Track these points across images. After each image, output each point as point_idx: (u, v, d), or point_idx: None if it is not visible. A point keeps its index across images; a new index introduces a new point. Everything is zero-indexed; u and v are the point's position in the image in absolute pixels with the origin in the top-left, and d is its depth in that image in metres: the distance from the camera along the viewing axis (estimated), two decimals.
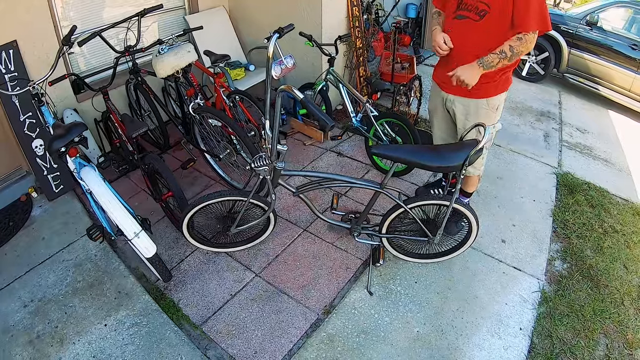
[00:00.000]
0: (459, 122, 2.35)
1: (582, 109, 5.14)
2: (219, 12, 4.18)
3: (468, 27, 2.07)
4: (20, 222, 2.99)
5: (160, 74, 2.75)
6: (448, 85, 2.24)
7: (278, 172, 2.08)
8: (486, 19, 2.00)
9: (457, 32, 2.12)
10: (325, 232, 2.80)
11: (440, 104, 2.40)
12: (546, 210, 3.10)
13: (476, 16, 2.03)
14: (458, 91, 2.23)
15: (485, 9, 1.99)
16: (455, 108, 2.31)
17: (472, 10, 2.04)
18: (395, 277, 2.48)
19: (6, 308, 2.35)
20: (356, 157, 3.61)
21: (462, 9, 2.08)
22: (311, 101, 1.62)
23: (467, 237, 2.42)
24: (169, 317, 2.25)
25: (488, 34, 2.03)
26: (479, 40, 2.05)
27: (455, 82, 2.07)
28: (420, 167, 2.06)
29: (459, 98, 2.28)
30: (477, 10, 2.02)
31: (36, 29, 2.97)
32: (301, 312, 2.29)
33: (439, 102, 2.41)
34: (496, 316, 2.28)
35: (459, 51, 2.13)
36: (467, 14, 2.06)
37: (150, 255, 2.09)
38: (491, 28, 2.01)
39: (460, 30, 2.10)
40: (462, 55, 2.11)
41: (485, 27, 2.02)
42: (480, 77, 2.06)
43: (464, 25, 2.08)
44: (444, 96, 2.34)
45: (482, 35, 2.04)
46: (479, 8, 2.01)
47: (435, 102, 2.45)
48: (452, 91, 2.27)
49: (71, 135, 2.19)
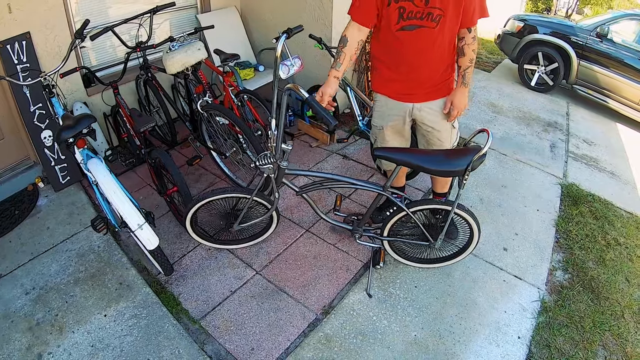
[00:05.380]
0: (426, 127, 2.28)
1: (590, 121, 5.12)
2: (231, 11, 4.21)
3: (424, 36, 1.97)
4: (26, 211, 3.02)
5: (169, 70, 2.78)
6: (411, 96, 2.18)
7: (282, 171, 2.09)
8: (441, 23, 1.93)
9: (409, 44, 2.01)
10: (327, 233, 2.81)
11: (401, 117, 2.27)
12: (549, 220, 3.09)
13: (432, 23, 1.92)
14: (425, 97, 2.18)
15: (440, 13, 1.90)
16: (423, 114, 2.23)
17: (425, 18, 1.92)
18: (395, 280, 2.48)
19: (8, 294, 2.37)
20: (361, 160, 3.62)
21: (410, 18, 1.93)
22: (316, 100, 1.64)
23: (468, 244, 2.41)
24: (168, 310, 2.26)
25: (443, 38, 1.98)
26: (436, 46, 2.00)
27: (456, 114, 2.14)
28: (423, 170, 2.06)
29: (427, 103, 2.20)
30: (432, 17, 1.91)
31: (49, 22, 3.01)
32: (300, 311, 2.29)
33: (398, 115, 2.27)
34: (495, 324, 2.27)
35: (413, 63, 2.07)
36: (419, 23, 1.93)
37: (152, 248, 2.11)
38: (445, 31, 1.96)
39: (414, 41, 1.99)
40: (417, 66, 2.07)
41: (441, 32, 1.95)
42: (441, 75, 2.12)
43: (419, 35, 1.97)
44: (408, 107, 2.22)
45: (438, 41, 1.98)
46: (434, 14, 1.90)
47: (391, 116, 2.30)
48: (418, 99, 2.18)
49: (80, 127, 2.22)
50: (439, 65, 2.10)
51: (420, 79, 2.12)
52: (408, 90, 2.17)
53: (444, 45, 2.03)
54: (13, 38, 2.80)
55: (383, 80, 2.24)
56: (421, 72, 2.10)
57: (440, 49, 2.03)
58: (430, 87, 2.16)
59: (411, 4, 1.91)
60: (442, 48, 2.03)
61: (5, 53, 2.79)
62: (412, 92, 2.17)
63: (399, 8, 1.93)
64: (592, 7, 12.78)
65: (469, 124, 4.47)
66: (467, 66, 2.08)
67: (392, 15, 1.96)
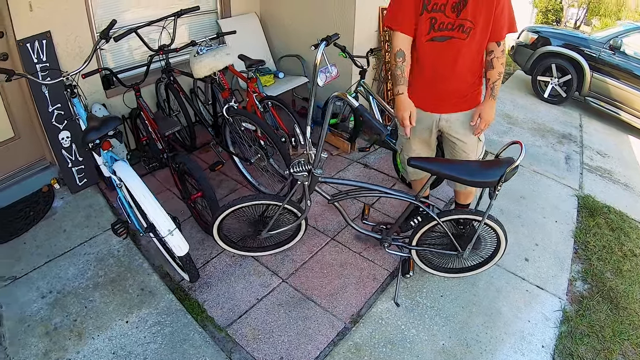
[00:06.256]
0: (452, 139, 2.27)
1: (603, 133, 5.16)
2: (251, 17, 4.20)
3: (454, 47, 1.97)
4: (41, 213, 2.98)
5: (197, 74, 2.75)
6: (439, 106, 2.16)
7: (316, 178, 2.07)
8: (472, 35, 1.93)
9: (439, 55, 2.01)
10: (352, 242, 2.78)
11: (427, 127, 2.25)
12: (567, 231, 3.10)
13: (462, 34, 1.93)
14: (452, 108, 2.17)
15: (470, 26, 1.91)
16: (450, 125, 2.21)
17: (455, 29, 1.93)
18: (421, 289, 2.47)
19: (23, 297, 2.32)
20: (382, 169, 3.61)
21: (441, 29, 1.94)
22: (366, 109, 1.61)
23: (494, 254, 2.41)
24: (193, 317, 2.22)
25: (472, 50, 1.99)
26: (465, 58, 2.00)
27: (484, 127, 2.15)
28: (457, 181, 2.05)
29: (454, 115, 2.18)
30: (463, 28, 1.92)
31: (70, 22, 2.99)
32: (328, 320, 2.26)
33: (425, 125, 2.25)
34: (519, 333, 2.27)
35: (442, 74, 2.06)
36: (450, 34, 1.94)
37: (183, 254, 2.07)
38: (475, 43, 1.97)
39: (444, 52, 2.00)
40: (446, 77, 2.06)
41: (471, 44, 1.96)
42: (469, 86, 2.11)
43: (449, 46, 1.97)
44: (435, 118, 2.20)
45: (467, 52, 1.99)
46: (465, 26, 1.91)
47: (418, 126, 2.23)
48: (445, 110, 2.17)
49: (107, 128, 2.19)
50: (467, 76, 2.09)
51: (448, 89, 2.11)
52: (435, 100, 2.16)
53: (473, 57, 2.03)
54: (33, 37, 2.78)
55: (411, 90, 2.23)
56: (450, 83, 2.09)
57: (470, 60, 2.03)
58: (458, 98, 2.15)
59: (443, 15, 1.92)
60: (471, 60, 2.03)
61: (25, 51, 2.76)
62: (439, 103, 2.16)
63: (431, 18, 1.94)
64: (601, 18, 12.87)
65: (486, 134, 4.46)
66: (495, 79, 2.07)
67: (423, 25, 1.96)
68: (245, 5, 4.18)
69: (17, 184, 3.10)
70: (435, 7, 1.91)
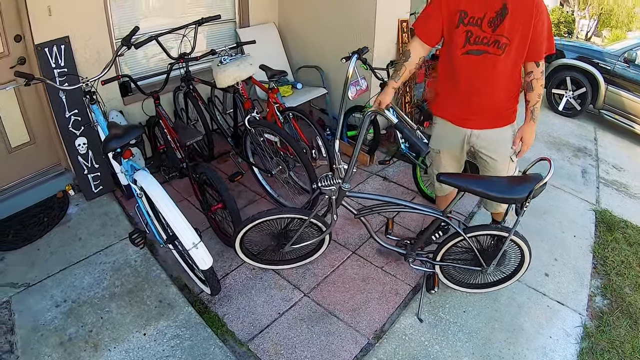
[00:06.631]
0: (483, 156, 2.25)
1: (618, 146, 5.15)
2: (269, 27, 4.20)
3: (488, 62, 1.94)
4: (55, 219, 2.95)
5: (220, 83, 2.72)
6: (471, 121, 2.13)
7: (343, 192, 2.03)
8: (507, 52, 1.90)
9: (474, 69, 1.98)
10: (374, 256, 2.74)
11: (458, 142, 2.23)
12: (586, 246, 3.07)
13: (498, 50, 1.90)
14: (484, 123, 2.13)
15: (506, 42, 1.87)
16: (481, 142, 2.18)
17: (491, 45, 1.90)
18: (444, 305, 2.43)
19: (37, 305, 2.28)
20: (401, 182, 3.58)
21: (477, 42, 1.92)
22: (406, 126, 1.57)
23: (517, 269, 2.39)
24: (213, 331, 2.17)
25: (508, 66, 1.95)
26: (500, 74, 1.97)
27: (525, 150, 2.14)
28: (486, 197, 2.01)
29: (485, 131, 2.14)
30: (499, 44, 1.88)
31: (90, 27, 2.97)
32: (351, 335, 2.22)
33: (455, 140, 2.23)
34: (542, 349, 2.23)
35: (476, 88, 2.03)
36: (485, 49, 1.91)
37: (207, 268, 2.03)
38: (510, 60, 1.93)
39: (478, 66, 1.97)
40: (479, 92, 2.03)
41: (506, 60, 1.92)
42: (503, 104, 2.08)
43: (484, 61, 1.94)
44: (466, 133, 2.17)
45: (503, 68, 1.95)
46: (501, 42, 1.88)
47: (448, 141, 2.25)
48: (476, 125, 2.13)
49: (129, 137, 2.16)
50: (501, 93, 2.05)
51: (482, 104, 2.08)
52: (467, 114, 2.13)
53: (508, 74, 1.99)
54: (52, 41, 2.76)
55: (443, 104, 2.23)
56: (482, 98, 2.06)
57: (504, 77, 1.99)
58: (490, 114, 2.11)
59: (479, 29, 1.90)
60: (505, 76, 1.99)
61: (44, 56, 2.75)
62: (470, 117, 2.13)
63: (467, 32, 1.92)
64: (612, 29, 12.88)
65: None
66: (535, 101, 2.04)
67: (459, 38, 1.95)
68: (264, 15, 4.17)
69: (32, 188, 3.08)
70: (472, 20, 1.90)
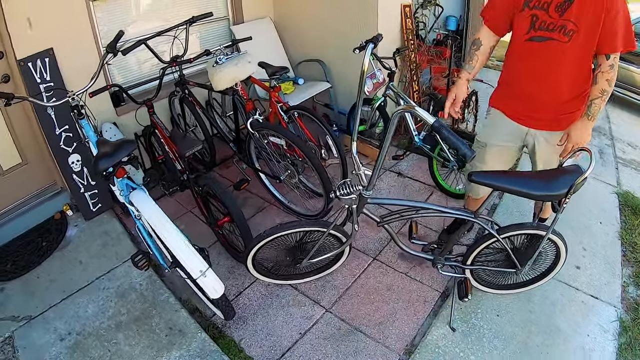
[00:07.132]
0: (534, 159, 2.11)
1: (630, 123, 5.03)
2: (265, 22, 4.01)
3: (553, 50, 1.78)
4: (54, 243, 2.79)
5: (217, 86, 2.52)
6: (530, 118, 1.99)
7: (364, 200, 1.85)
8: (574, 39, 1.72)
9: (537, 57, 1.83)
10: (396, 261, 2.57)
11: (512, 140, 2.10)
12: (613, 232, 2.93)
13: (564, 37, 1.73)
14: (544, 124, 1.97)
15: (573, 28, 1.70)
16: (537, 145, 2.05)
17: (556, 30, 1.74)
18: (476, 310, 2.27)
19: (40, 339, 2.13)
20: (417, 177, 3.41)
21: (542, 28, 1.78)
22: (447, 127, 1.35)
23: (552, 267, 2.24)
24: (230, 359, 2.01)
25: (575, 56, 1.77)
26: (565, 64, 1.80)
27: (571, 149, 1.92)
28: (522, 195, 1.83)
29: (544, 133, 1.99)
30: (565, 30, 1.72)
31: (74, 36, 2.80)
32: (381, 352, 2.06)
33: (508, 137, 2.10)
34: (580, 349, 2.11)
35: (540, 78, 1.87)
36: (550, 35, 1.76)
37: (218, 297, 1.84)
38: (578, 50, 1.75)
39: (543, 54, 1.81)
40: (543, 84, 1.87)
41: (573, 49, 1.75)
42: (568, 103, 1.89)
43: (548, 49, 1.79)
44: (523, 131, 2.04)
45: (569, 58, 1.78)
46: (567, 27, 1.71)
47: (501, 136, 2.12)
48: (537, 125, 1.99)
49: (120, 155, 1.95)
50: (565, 88, 1.86)
51: (543, 100, 1.91)
52: (528, 111, 1.97)
53: (574, 66, 1.80)
54: (35, 55, 2.58)
55: (503, 95, 2.08)
56: (546, 91, 1.89)
57: (570, 69, 1.81)
58: (553, 114, 1.93)
59: (545, 14, 1.76)
60: (571, 68, 1.81)
61: (27, 71, 2.57)
62: (531, 115, 1.97)
63: (532, 16, 1.79)
64: None
65: None
66: (595, 96, 1.81)
67: (523, 22, 1.82)
68: (259, 10, 3.98)
69: (27, 212, 2.92)
70: (538, 4, 1.76)
